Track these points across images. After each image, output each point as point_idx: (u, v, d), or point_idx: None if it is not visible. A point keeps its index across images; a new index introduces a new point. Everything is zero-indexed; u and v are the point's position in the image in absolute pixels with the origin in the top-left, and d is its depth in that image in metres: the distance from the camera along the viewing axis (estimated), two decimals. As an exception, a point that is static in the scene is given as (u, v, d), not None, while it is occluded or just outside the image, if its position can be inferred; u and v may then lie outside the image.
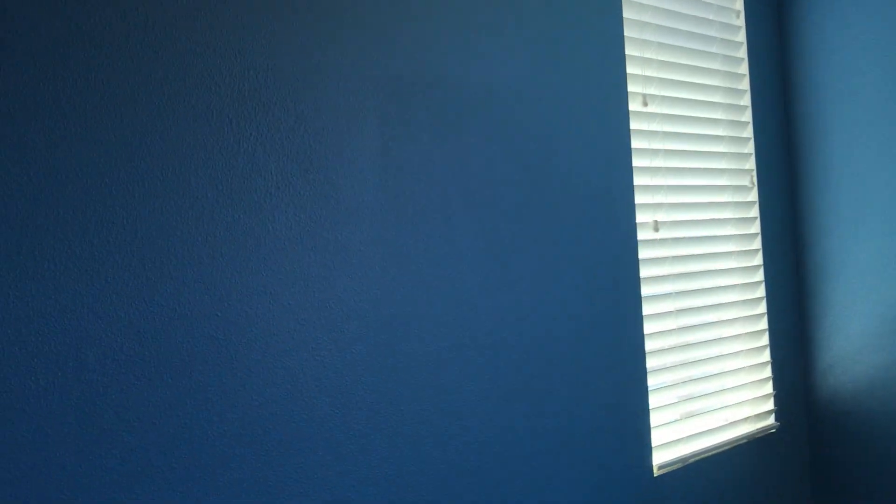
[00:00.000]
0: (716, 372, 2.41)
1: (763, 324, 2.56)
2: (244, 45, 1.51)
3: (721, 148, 2.49)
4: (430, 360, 1.74)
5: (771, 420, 2.56)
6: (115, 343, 1.35)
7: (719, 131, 2.49)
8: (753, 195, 2.57)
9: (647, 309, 2.23)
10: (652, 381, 2.23)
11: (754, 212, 2.57)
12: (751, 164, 2.57)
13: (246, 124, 1.51)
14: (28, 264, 1.27)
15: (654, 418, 2.23)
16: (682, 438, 2.29)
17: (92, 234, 1.33)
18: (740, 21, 2.57)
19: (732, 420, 2.44)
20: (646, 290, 2.23)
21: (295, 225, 1.56)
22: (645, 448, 2.17)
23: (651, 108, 2.28)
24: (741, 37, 2.57)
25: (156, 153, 1.40)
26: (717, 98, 2.49)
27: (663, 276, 2.28)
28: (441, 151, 1.78)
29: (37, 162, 1.29)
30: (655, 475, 2.19)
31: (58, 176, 1.30)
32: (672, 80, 2.34)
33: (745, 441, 2.45)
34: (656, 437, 2.22)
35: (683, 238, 2.34)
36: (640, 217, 2.23)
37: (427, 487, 1.73)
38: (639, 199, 2.23)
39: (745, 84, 2.57)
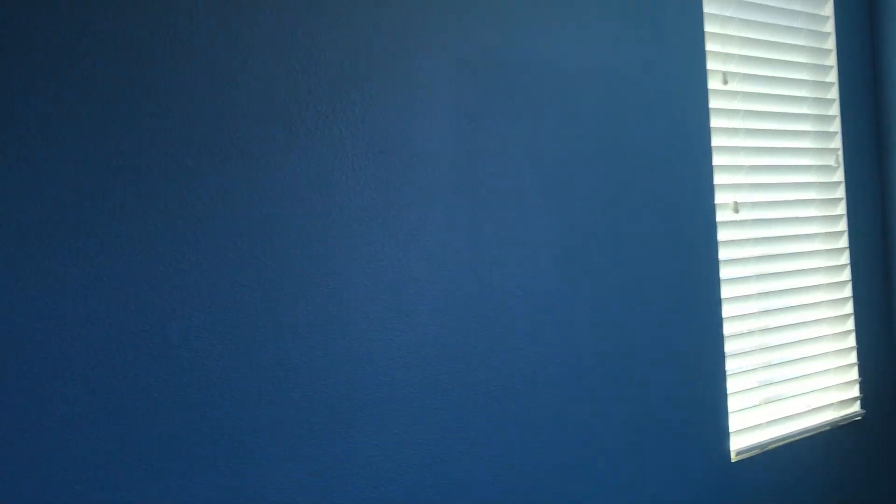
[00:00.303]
0: (798, 357, 2.34)
1: (848, 308, 2.48)
2: (319, 28, 1.53)
3: (805, 126, 2.41)
4: (503, 342, 1.75)
5: (856, 407, 2.48)
6: (198, 320, 1.39)
7: (804, 109, 2.41)
8: (839, 175, 2.48)
9: (725, 292, 2.18)
10: (731, 366, 2.18)
11: (840, 192, 2.48)
12: (836, 142, 2.48)
13: (322, 106, 1.53)
14: (115, 244, 1.33)
15: (733, 403, 2.18)
16: (762, 424, 2.24)
17: (175, 215, 1.38)
18: (827, -6, 2.48)
19: (815, 406, 2.37)
20: (725, 272, 2.18)
21: (370, 206, 1.58)
22: (722, 433, 2.13)
23: (732, 86, 2.22)
24: (828, 10, 2.47)
25: (234, 135, 1.44)
26: (801, 75, 2.41)
27: (743, 258, 2.23)
28: (515, 132, 1.78)
29: (124, 146, 1.34)
30: (733, 461, 2.15)
31: (140, 159, 1.35)
32: (754, 57, 2.27)
33: (828, 428, 2.38)
34: (735, 422, 2.18)
35: (765, 219, 2.28)
36: (720, 198, 2.18)
37: (499, 466, 1.73)
38: (718, 179, 2.18)
39: (832, 60, 2.47)
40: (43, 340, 1.26)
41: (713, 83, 2.18)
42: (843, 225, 2.48)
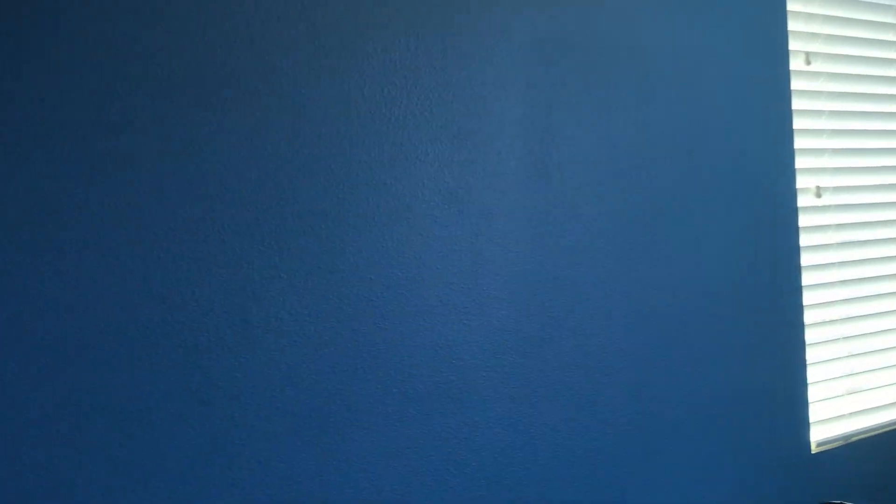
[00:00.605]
0: (884, 346, 2.27)
1: (939, 297, 2.38)
2: (391, 14, 1.54)
3: (895, 108, 2.32)
4: (576, 326, 1.74)
5: (946, 400, 2.39)
6: (276, 301, 1.43)
7: (893, 90, 2.32)
8: (930, 158, 2.38)
9: (807, 279, 2.12)
10: (812, 355, 2.13)
11: (931, 176, 2.38)
12: (928, 124, 2.38)
13: (396, 92, 1.54)
14: (199, 229, 1.37)
15: (814, 393, 2.13)
16: (845, 415, 2.17)
17: (255, 199, 1.41)
18: (919, -31, 2.37)
19: (901, 398, 2.29)
20: (806, 259, 2.12)
21: (444, 191, 1.59)
22: (802, 423, 2.08)
23: (815, 67, 2.15)
24: (919, -14, 2.37)
25: (309, 120, 1.46)
26: (891, 54, 2.31)
27: (825, 244, 2.16)
28: (588, 115, 1.76)
29: (209, 138, 1.38)
30: (813, 452, 2.10)
31: (222, 149, 1.39)
32: (839, 36, 2.20)
33: (915, 421, 2.30)
34: (816, 413, 2.13)
35: (849, 204, 2.21)
36: (801, 182, 2.12)
37: (570, 453, 1.73)
38: (799, 163, 2.11)
39: (923, 37, 2.37)
40: (129, 320, 1.32)
41: (795, 64, 2.12)
42: (933, 210, 2.38)
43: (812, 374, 2.13)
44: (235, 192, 1.40)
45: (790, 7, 2.10)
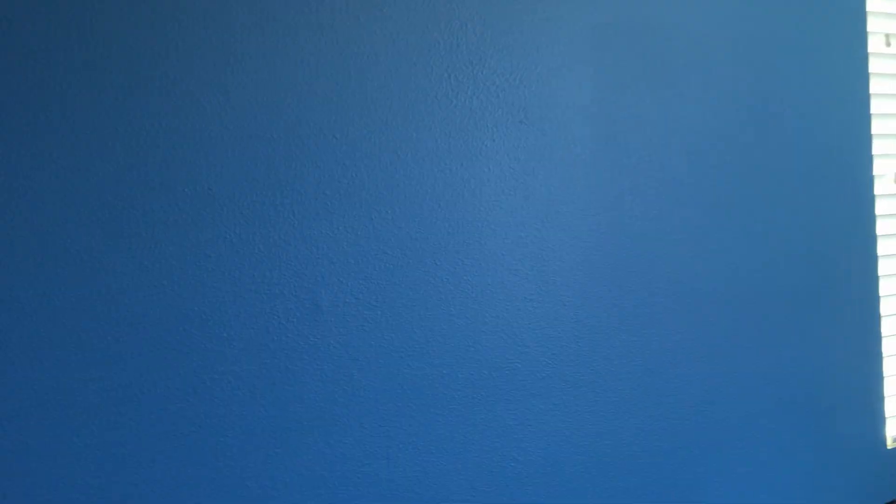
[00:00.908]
0: (965, 339, 2.18)
1: None
2: (458, 0, 1.54)
3: (979, 90, 2.22)
4: (642, 315, 1.71)
5: None
6: (346, 286, 1.44)
7: (977, 71, 2.22)
8: None
9: (884, 268, 2.05)
10: (889, 347, 2.06)
11: None
12: None
13: (463, 77, 1.54)
14: (270, 215, 1.39)
15: (891, 386, 2.06)
16: (923, 410, 2.10)
17: (325, 185, 1.43)
18: None
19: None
20: (883, 247, 2.05)
21: (509, 176, 1.58)
22: (877, 417, 2.02)
23: (895, 48, 2.07)
24: None
25: (378, 108, 1.47)
26: (975, 34, 2.22)
27: (904, 232, 2.09)
28: (655, 101, 1.73)
29: (276, 125, 1.39)
30: (889, 447, 2.04)
31: (294, 134, 1.41)
32: (921, 16, 2.11)
33: None
34: (892, 407, 2.06)
35: (930, 191, 2.13)
36: (879, 168, 2.05)
37: (636, 445, 1.71)
38: (877, 148, 2.04)
39: None
40: (206, 305, 1.34)
41: (874, 45, 2.04)
42: None
43: (889, 366, 2.06)
44: (306, 180, 1.41)
45: (869, -14, 2.03)
